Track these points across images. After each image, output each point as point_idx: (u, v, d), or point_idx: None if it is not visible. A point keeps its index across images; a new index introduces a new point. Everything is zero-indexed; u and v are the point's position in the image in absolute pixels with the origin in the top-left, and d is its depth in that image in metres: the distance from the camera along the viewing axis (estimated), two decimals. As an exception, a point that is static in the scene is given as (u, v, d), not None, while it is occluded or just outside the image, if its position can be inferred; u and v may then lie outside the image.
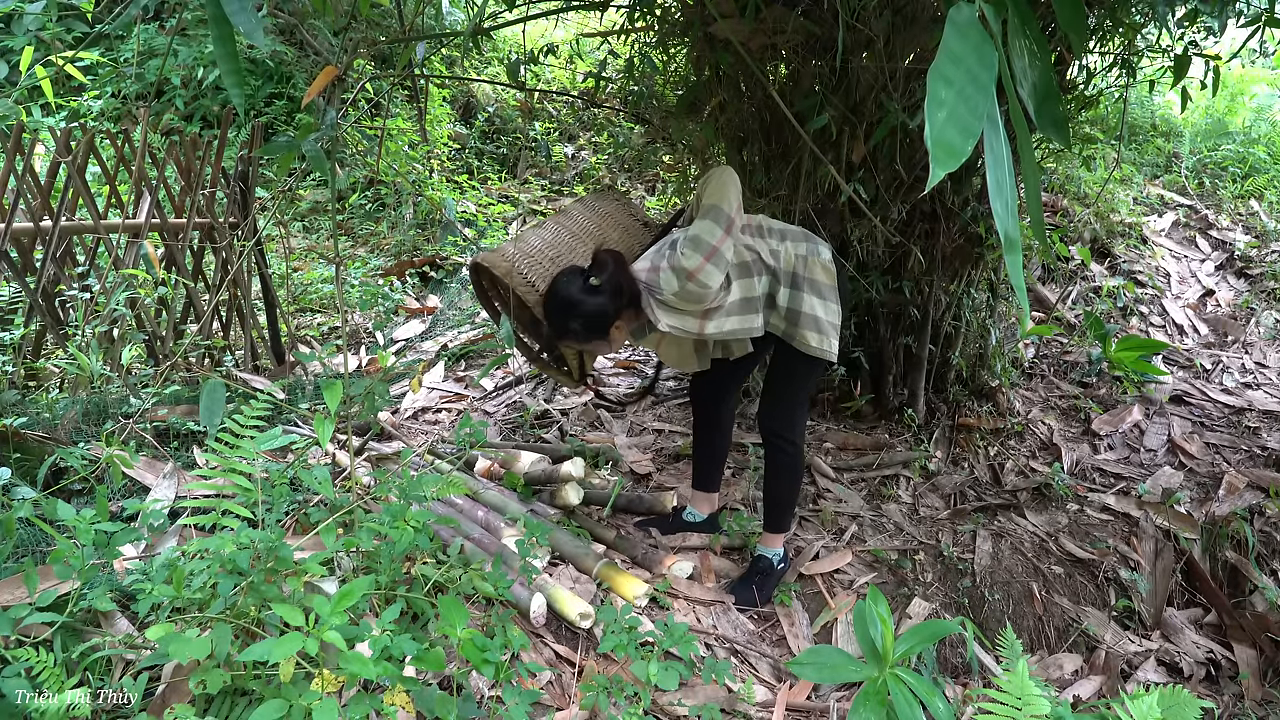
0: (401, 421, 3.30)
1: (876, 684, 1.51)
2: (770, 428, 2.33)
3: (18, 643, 1.53)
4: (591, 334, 2.07)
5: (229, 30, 1.29)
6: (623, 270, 2.07)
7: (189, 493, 2.16)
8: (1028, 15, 1.07)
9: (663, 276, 2.03)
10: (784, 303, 2.15)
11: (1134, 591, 2.73)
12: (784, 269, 2.14)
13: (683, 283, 2.00)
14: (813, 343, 2.15)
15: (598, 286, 2.02)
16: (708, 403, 2.58)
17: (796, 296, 2.14)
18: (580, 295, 2.02)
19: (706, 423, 2.60)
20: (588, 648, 2.06)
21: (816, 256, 2.17)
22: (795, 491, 2.42)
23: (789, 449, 2.32)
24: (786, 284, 2.14)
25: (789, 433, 2.31)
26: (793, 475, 2.37)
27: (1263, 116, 6.41)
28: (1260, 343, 4.39)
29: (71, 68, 3.05)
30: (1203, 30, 3.01)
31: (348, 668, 1.34)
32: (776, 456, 2.34)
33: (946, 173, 0.88)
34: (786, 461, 2.34)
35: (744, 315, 2.13)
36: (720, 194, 2.03)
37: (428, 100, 5.86)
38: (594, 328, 2.06)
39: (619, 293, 2.04)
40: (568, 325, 2.06)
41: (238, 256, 3.23)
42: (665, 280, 2.02)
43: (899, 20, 2.54)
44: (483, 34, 2.68)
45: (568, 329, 2.08)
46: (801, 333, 2.15)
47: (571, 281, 2.05)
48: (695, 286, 2.00)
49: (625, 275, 2.06)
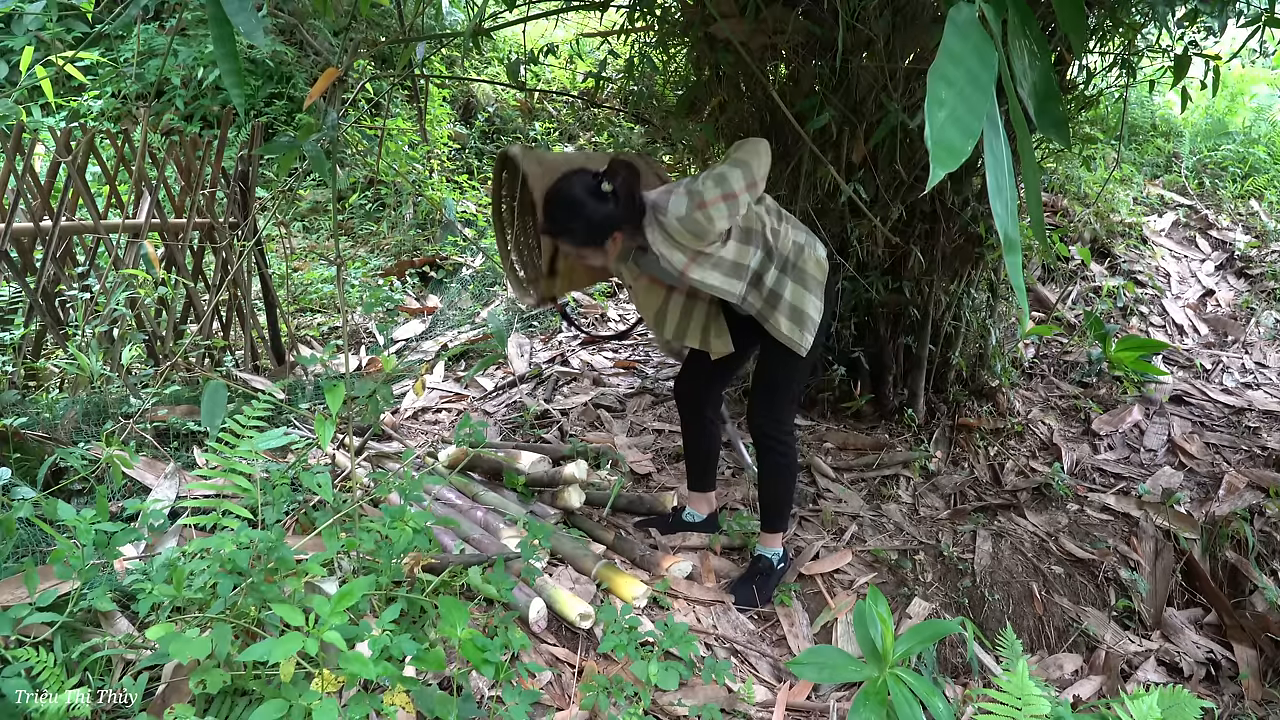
0: (401, 421, 3.30)
1: (876, 684, 1.51)
2: (759, 428, 2.33)
3: (18, 643, 1.53)
4: (590, 239, 2.03)
5: (229, 30, 1.29)
6: (635, 181, 2.02)
7: (189, 493, 2.16)
8: (1028, 15, 1.07)
9: (674, 198, 1.99)
10: (769, 284, 2.13)
11: (1134, 591, 2.73)
12: (779, 251, 2.13)
13: (691, 210, 1.96)
14: (784, 329, 2.14)
15: (607, 192, 1.98)
16: (690, 404, 2.56)
17: (782, 281, 2.13)
18: (587, 197, 1.98)
19: (690, 424, 2.59)
20: (588, 648, 2.06)
21: (813, 249, 2.17)
22: (790, 490, 2.42)
23: (780, 448, 2.33)
24: (777, 266, 2.13)
25: (777, 431, 2.32)
26: (787, 474, 2.37)
27: (1263, 116, 6.41)
28: (1260, 343, 4.39)
29: (71, 68, 3.06)
30: (1203, 30, 3.01)
31: (348, 668, 1.34)
32: (769, 456, 2.34)
33: (946, 173, 0.88)
34: (779, 460, 2.34)
35: (729, 277, 2.09)
36: (754, 155, 2.01)
37: (428, 100, 5.86)
38: (594, 233, 2.01)
39: (628, 202, 1.99)
40: (568, 224, 2.02)
41: (238, 256, 3.22)
42: (675, 203, 1.98)
43: (899, 20, 2.54)
44: (483, 34, 2.68)
45: (567, 228, 2.03)
46: (776, 316, 2.14)
47: (582, 181, 2.00)
48: (702, 218, 1.96)
49: (636, 187, 2.02)
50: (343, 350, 2.13)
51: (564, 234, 2.06)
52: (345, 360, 1.88)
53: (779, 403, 2.31)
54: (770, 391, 2.30)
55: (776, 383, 2.28)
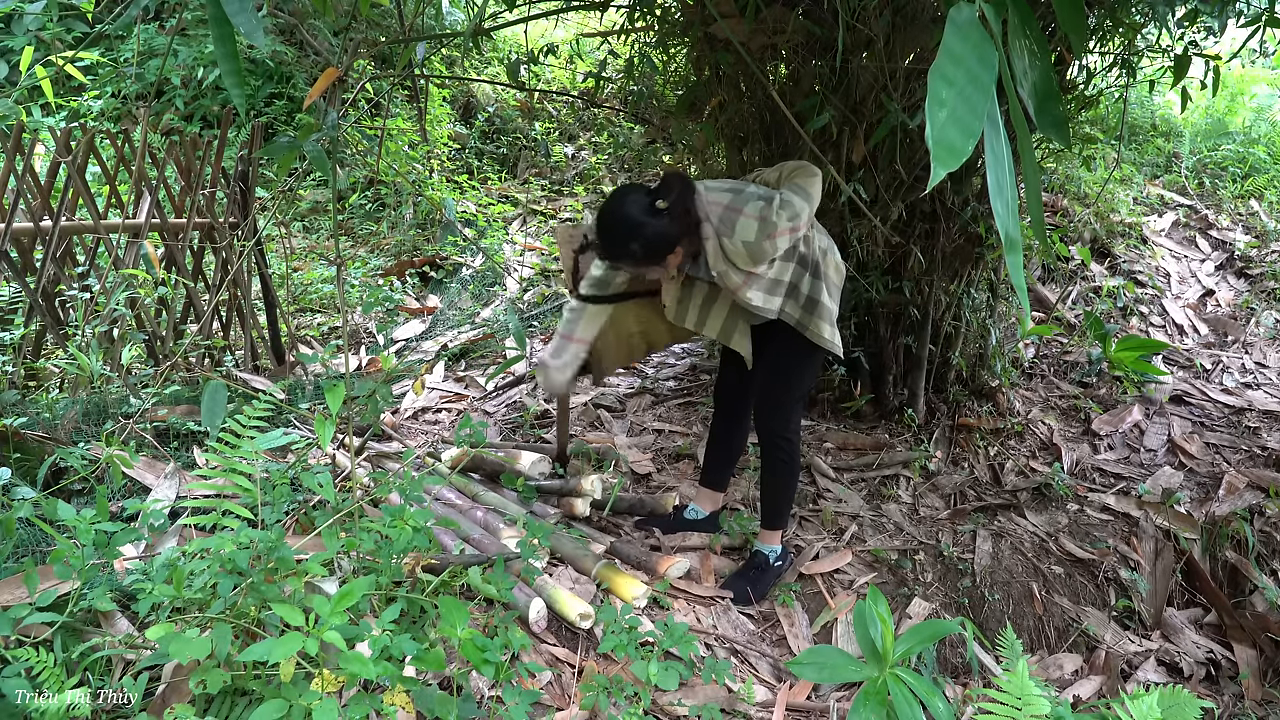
0: (401, 421, 3.30)
1: (876, 684, 1.51)
2: (768, 426, 2.33)
3: (18, 643, 1.53)
4: (650, 258, 2.00)
5: (229, 30, 1.29)
6: (689, 195, 1.99)
7: (189, 493, 2.16)
8: (1028, 15, 1.07)
9: (743, 221, 1.97)
10: (806, 290, 2.15)
11: (1134, 591, 2.73)
12: (811, 257, 2.15)
13: (760, 238, 1.96)
14: (826, 334, 2.16)
15: (663, 210, 1.95)
16: (723, 401, 2.54)
17: (816, 286, 2.15)
18: (644, 216, 1.94)
19: (719, 419, 2.57)
20: (588, 648, 2.06)
21: (834, 254, 2.21)
22: (792, 488, 2.42)
23: (786, 447, 2.33)
24: (811, 272, 2.15)
25: (785, 430, 2.32)
26: (789, 472, 2.37)
27: (1263, 116, 6.40)
28: (1260, 343, 4.39)
29: (71, 68, 3.05)
30: (1203, 30, 3.01)
31: (348, 668, 1.34)
32: (773, 454, 2.35)
33: (947, 172, 0.88)
34: (783, 459, 2.35)
35: (768, 295, 2.11)
36: (815, 184, 2.07)
37: (428, 100, 5.86)
38: (653, 251, 1.98)
39: (685, 218, 1.97)
40: (627, 247, 1.98)
41: (238, 256, 3.22)
42: (744, 226, 1.97)
43: (899, 20, 2.54)
44: (483, 34, 2.68)
45: (626, 251, 1.99)
46: (817, 322, 2.16)
47: (636, 201, 1.96)
48: (769, 246, 1.97)
49: (693, 202, 1.99)
50: (343, 350, 2.13)
51: (623, 257, 2.03)
52: (345, 360, 1.88)
53: (789, 403, 2.32)
54: (782, 391, 2.31)
55: (789, 382, 2.29)
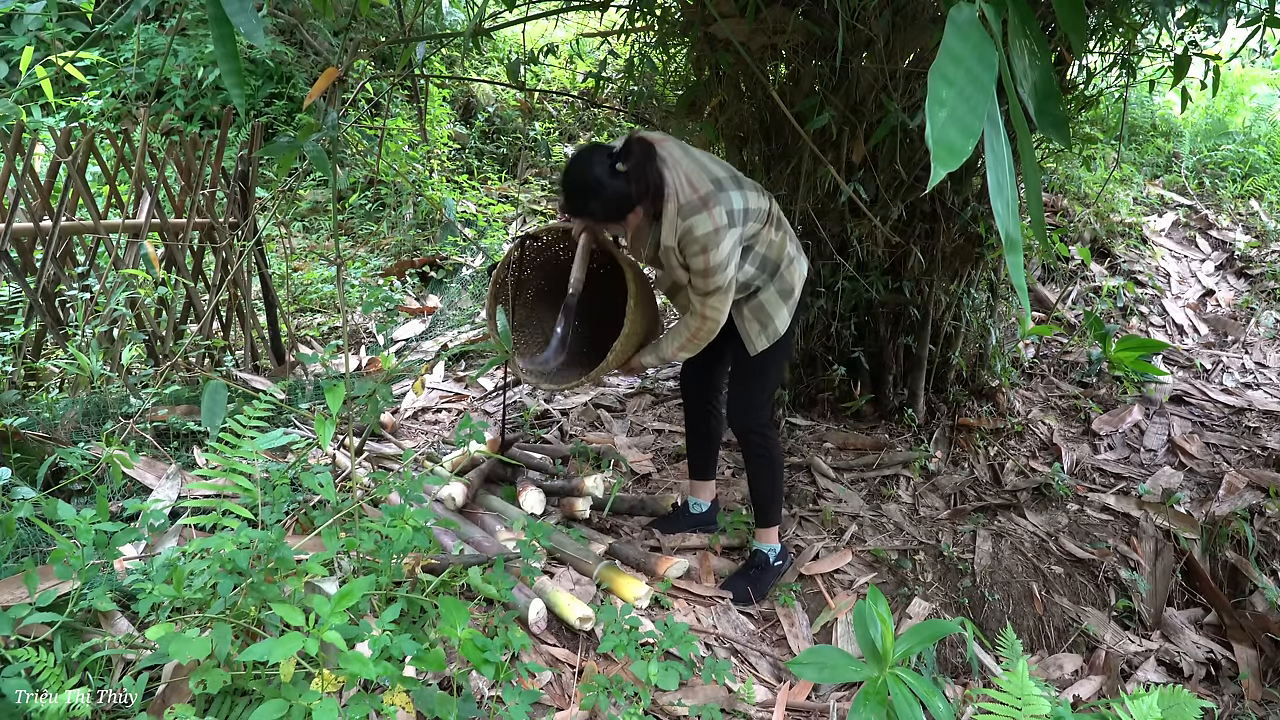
0: (401, 422, 3.30)
1: (876, 684, 1.50)
2: (741, 424, 2.36)
3: (18, 643, 1.53)
4: (609, 217, 2.05)
5: (229, 30, 1.29)
6: (650, 163, 2.00)
7: (189, 493, 2.16)
8: (1028, 15, 1.07)
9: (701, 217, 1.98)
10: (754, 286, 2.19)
11: (1134, 591, 2.73)
12: (770, 259, 2.17)
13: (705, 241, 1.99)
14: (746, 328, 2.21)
15: (622, 172, 1.97)
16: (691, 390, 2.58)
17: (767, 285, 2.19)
18: (604, 177, 1.97)
19: (691, 409, 2.60)
20: (587, 648, 2.06)
21: (800, 264, 2.23)
22: (777, 481, 2.43)
23: (762, 442, 2.36)
24: (768, 273, 2.18)
25: (756, 424, 2.34)
26: (770, 466, 2.39)
27: (1263, 116, 6.41)
28: (1260, 343, 4.39)
29: (71, 68, 3.05)
30: (1203, 30, 3.01)
31: (348, 668, 1.34)
32: (751, 450, 2.38)
33: (947, 172, 0.88)
34: (761, 453, 2.37)
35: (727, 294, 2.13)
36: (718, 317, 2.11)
37: (428, 100, 5.86)
38: (612, 212, 2.02)
39: (642, 183, 1.99)
40: (586, 205, 2.04)
41: (238, 256, 3.22)
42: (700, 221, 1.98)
43: (899, 20, 2.54)
44: (483, 34, 2.68)
45: (586, 209, 2.05)
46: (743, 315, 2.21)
47: (597, 162, 1.98)
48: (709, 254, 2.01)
49: (652, 169, 2.00)
50: (343, 350, 2.13)
51: (584, 214, 2.09)
52: (345, 360, 1.88)
53: (755, 399, 2.34)
54: (745, 386, 2.34)
55: (750, 380, 2.32)
